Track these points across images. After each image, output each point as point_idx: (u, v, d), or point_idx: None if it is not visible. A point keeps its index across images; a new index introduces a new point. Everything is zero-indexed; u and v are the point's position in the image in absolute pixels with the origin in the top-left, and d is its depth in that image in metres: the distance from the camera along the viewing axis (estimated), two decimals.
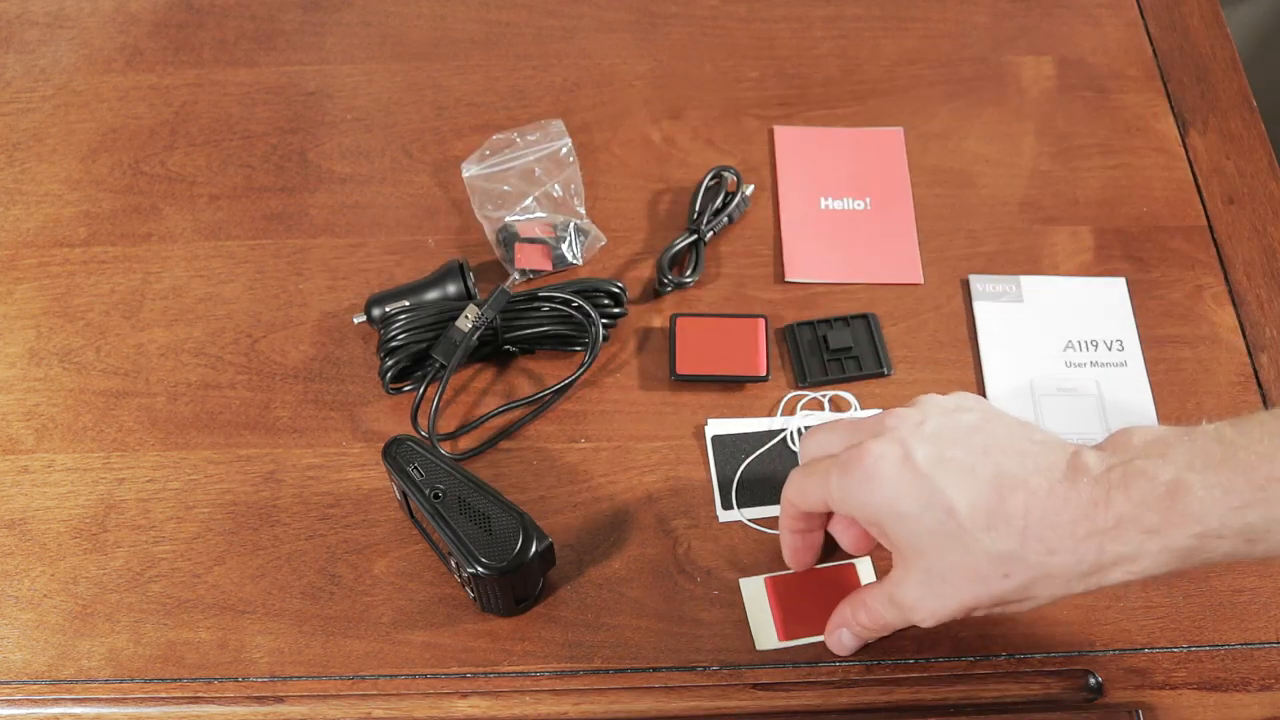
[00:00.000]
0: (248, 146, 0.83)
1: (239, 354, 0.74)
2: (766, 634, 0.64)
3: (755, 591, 0.65)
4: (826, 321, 0.74)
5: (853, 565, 0.66)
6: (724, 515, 0.68)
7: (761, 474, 0.69)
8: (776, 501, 0.68)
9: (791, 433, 0.70)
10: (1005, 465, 0.52)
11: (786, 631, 0.64)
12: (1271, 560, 0.51)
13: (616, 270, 0.78)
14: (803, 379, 0.72)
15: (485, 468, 0.70)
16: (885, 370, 0.73)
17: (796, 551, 0.63)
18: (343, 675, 0.63)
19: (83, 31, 0.89)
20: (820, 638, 0.64)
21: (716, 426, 0.71)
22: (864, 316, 0.75)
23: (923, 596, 0.55)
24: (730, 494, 0.68)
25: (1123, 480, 0.50)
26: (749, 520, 0.68)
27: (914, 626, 0.58)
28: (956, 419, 0.55)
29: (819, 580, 0.65)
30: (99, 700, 0.63)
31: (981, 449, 0.53)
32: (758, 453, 0.70)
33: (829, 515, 0.62)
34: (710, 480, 0.69)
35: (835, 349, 0.73)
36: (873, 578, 0.66)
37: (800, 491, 0.59)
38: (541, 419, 0.71)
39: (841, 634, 0.62)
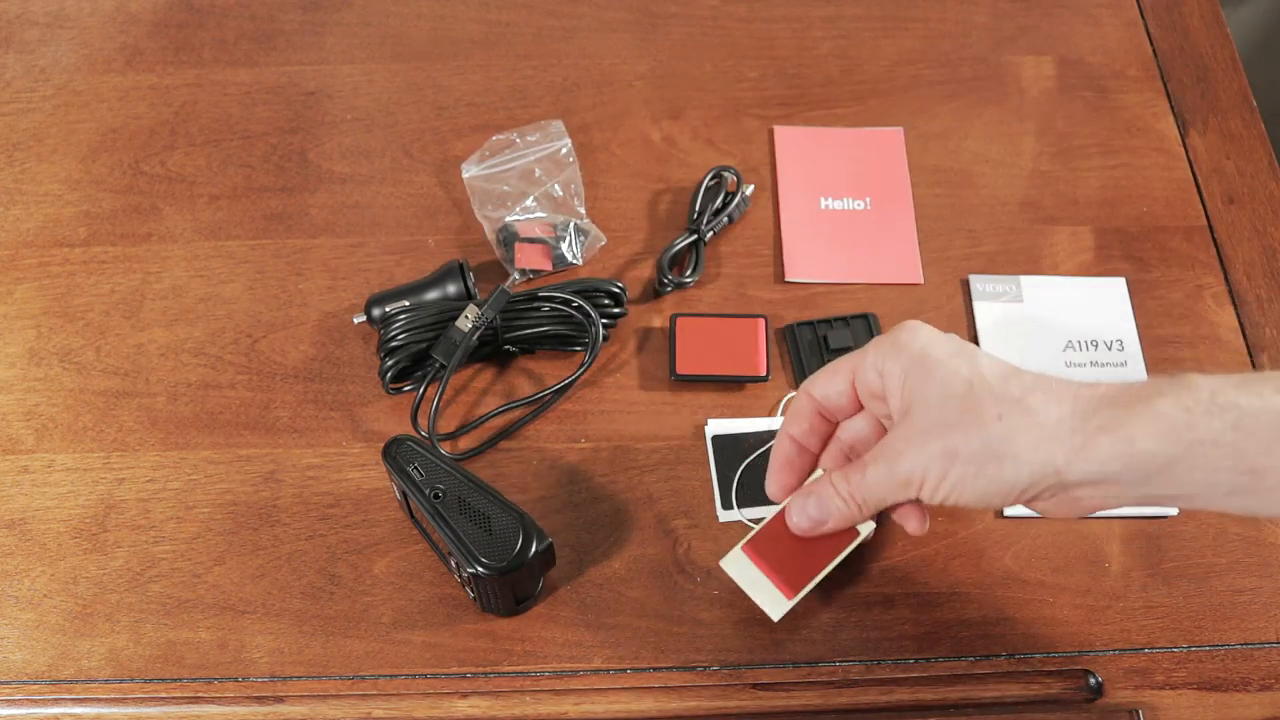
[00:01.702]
0: (248, 146, 0.83)
1: (239, 354, 0.74)
2: (774, 600, 0.61)
3: (741, 564, 0.62)
4: (826, 321, 0.74)
5: (813, 484, 0.63)
6: (724, 515, 0.68)
7: (761, 474, 0.69)
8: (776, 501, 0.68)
9: None
10: (1012, 367, 0.56)
11: (791, 586, 0.61)
12: (1254, 476, 0.51)
13: (616, 270, 0.78)
14: (803, 379, 0.72)
15: (485, 468, 0.70)
16: None
17: (788, 464, 0.62)
18: (343, 675, 0.63)
19: (83, 31, 0.89)
20: (825, 571, 0.61)
21: (716, 426, 0.71)
22: (864, 316, 0.75)
23: (910, 439, 0.56)
24: (730, 494, 0.68)
25: (1129, 383, 0.53)
26: (749, 520, 0.68)
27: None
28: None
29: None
30: (99, 700, 0.63)
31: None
32: (758, 453, 0.70)
33: (828, 438, 0.62)
34: (710, 480, 0.69)
35: (835, 349, 0.73)
36: None
37: (826, 373, 0.60)
38: (541, 419, 0.72)
39: (808, 502, 0.60)
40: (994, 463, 0.53)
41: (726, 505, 0.68)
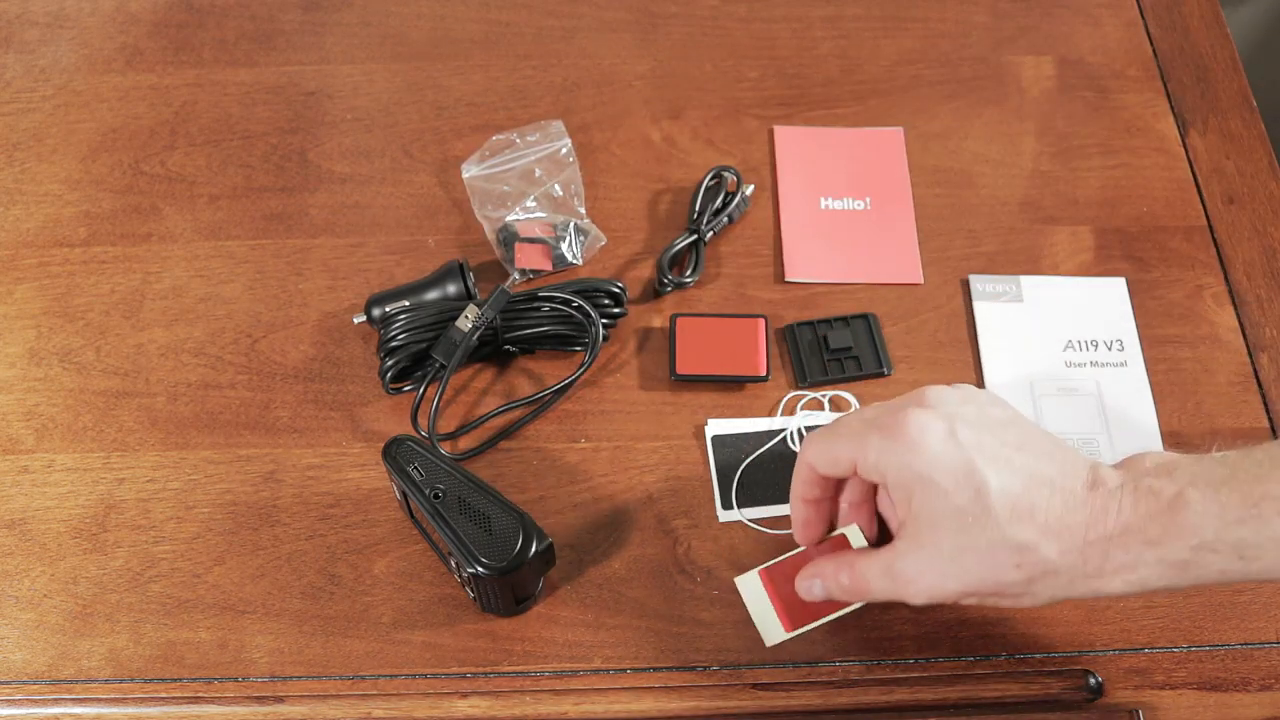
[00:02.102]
0: (248, 146, 0.83)
1: (239, 354, 0.74)
2: (772, 628, 0.62)
3: (753, 587, 0.64)
4: (826, 321, 0.74)
5: (844, 536, 0.64)
6: (724, 515, 0.68)
7: (761, 474, 0.69)
8: (777, 501, 0.68)
9: (791, 433, 0.70)
10: (1036, 464, 0.54)
11: (792, 622, 0.62)
12: (1265, 582, 0.52)
13: (616, 270, 0.78)
14: (803, 379, 0.72)
15: (485, 468, 0.70)
16: (885, 370, 0.73)
17: (808, 524, 0.61)
18: (343, 675, 0.63)
19: (83, 31, 0.89)
20: (828, 618, 0.62)
21: (716, 426, 0.71)
22: (864, 316, 0.75)
23: (924, 572, 0.55)
24: (730, 494, 0.68)
25: (1132, 494, 0.53)
26: (749, 520, 0.68)
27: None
28: (992, 411, 0.57)
29: None
30: (99, 700, 0.63)
31: (1016, 444, 0.55)
32: (758, 453, 0.70)
33: (841, 484, 0.61)
34: (710, 480, 0.69)
35: (835, 349, 0.73)
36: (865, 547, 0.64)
37: (827, 452, 0.58)
38: (541, 419, 0.72)
39: (814, 584, 0.60)
40: (1008, 599, 0.55)
41: (726, 505, 0.68)
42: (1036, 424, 0.58)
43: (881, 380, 0.73)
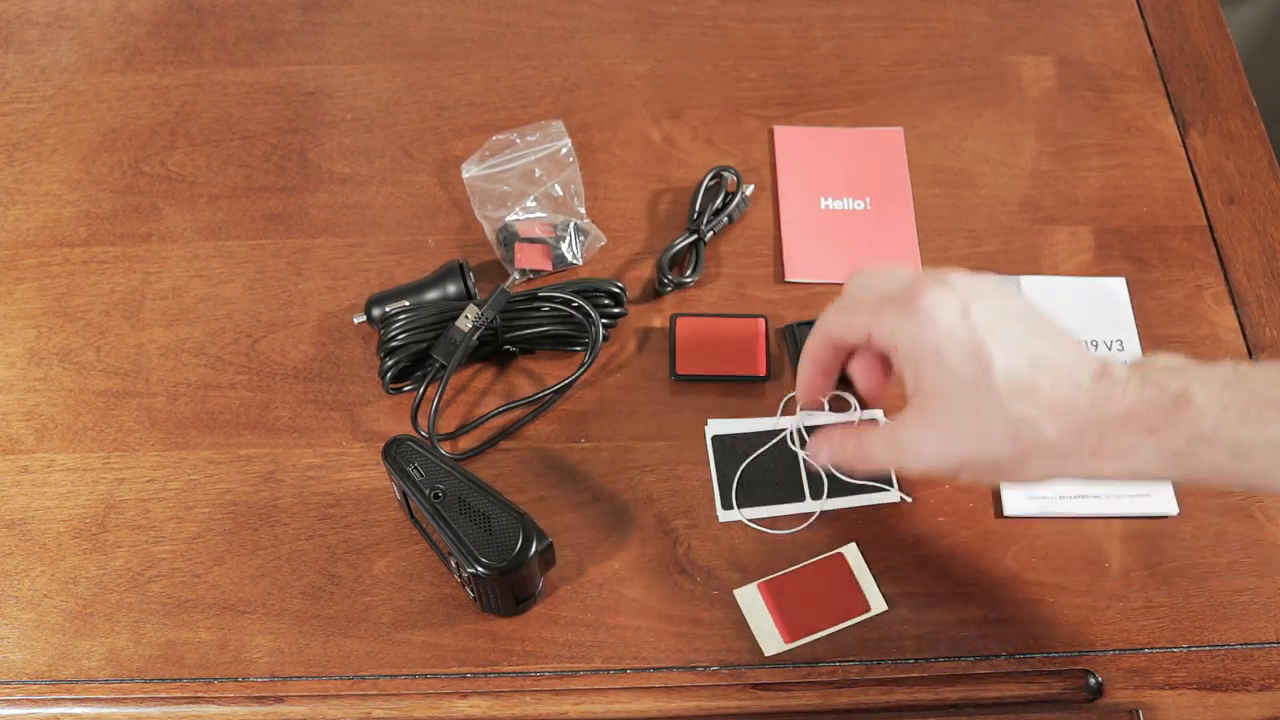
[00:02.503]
0: (248, 146, 0.83)
1: (239, 354, 0.74)
2: (771, 639, 0.64)
3: (751, 599, 0.65)
4: None
5: (842, 555, 0.66)
6: (724, 515, 0.68)
7: (761, 474, 0.69)
8: (777, 501, 0.68)
9: (791, 432, 0.70)
10: (1045, 350, 0.56)
11: (790, 633, 0.64)
12: (1256, 490, 0.55)
13: (616, 270, 0.78)
14: None
15: (485, 468, 0.70)
16: None
17: (812, 386, 0.64)
18: (343, 675, 0.63)
19: (83, 31, 0.89)
20: (825, 633, 0.64)
21: (716, 426, 0.71)
22: None
23: (924, 441, 0.58)
24: (730, 494, 0.68)
25: (1139, 385, 0.54)
26: (749, 520, 0.68)
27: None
28: (1011, 302, 0.58)
29: (813, 576, 0.65)
30: (99, 700, 0.63)
31: (1029, 331, 0.56)
32: (758, 453, 0.70)
33: (852, 353, 0.63)
34: (710, 480, 0.69)
35: None
36: (864, 567, 0.66)
37: (845, 322, 0.61)
38: (541, 419, 0.72)
39: (821, 450, 0.63)
40: (1004, 475, 0.57)
41: (726, 505, 0.68)
42: (1051, 318, 0.59)
43: None
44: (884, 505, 0.68)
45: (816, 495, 0.68)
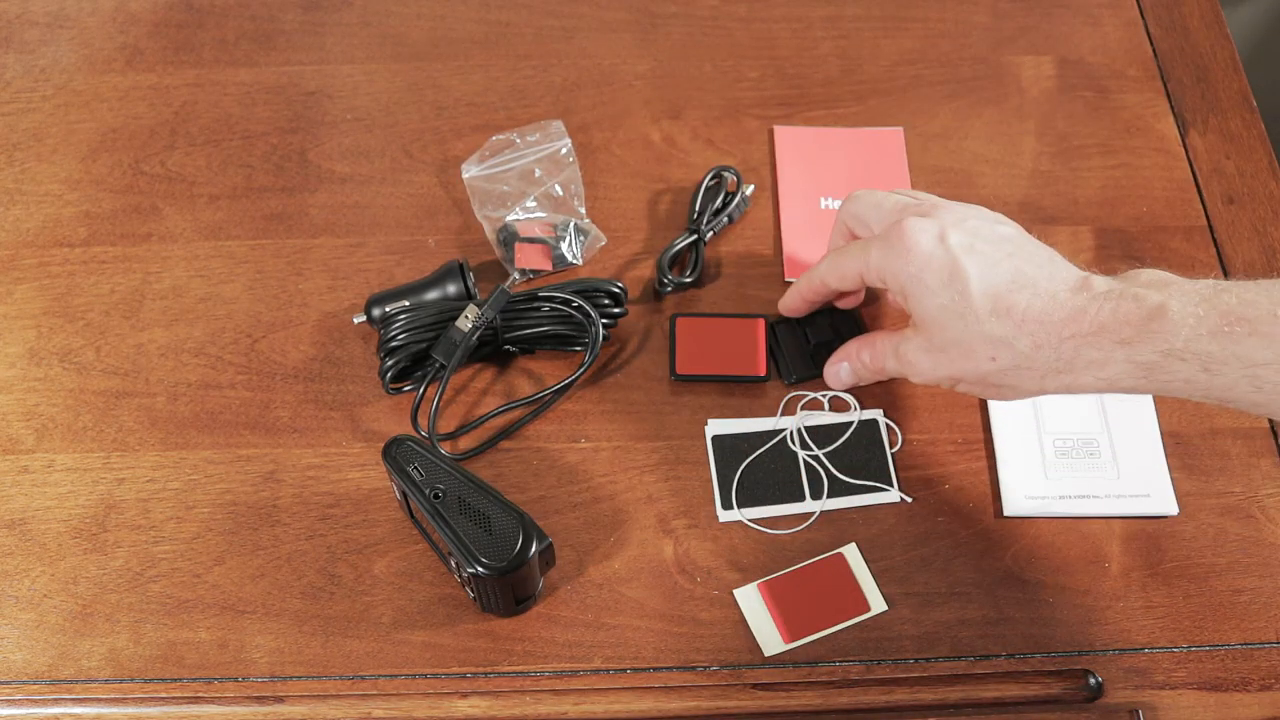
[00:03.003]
0: (248, 146, 0.83)
1: (239, 354, 0.74)
2: (771, 639, 0.64)
3: (751, 599, 0.65)
4: (808, 316, 0.74)
5: (841, 555, 0.66)
6: (724, 515, 0.68)
7: (761, 474, 0.69)
8: (777, 501, 0.68)
9: (791, 432, 0.70)
10: (1023, 267, 0.59)
11: (790, 633, 0.64)
12: (1225, 403, 0.55)
13: (616, 270, 0.78)
14: (788, 376, 0.72)
15: (485, 468, 0.70)
16: None
17: (795, 309, 0.72)
18: (343, 675, 0.63)
19: (83, 31, 0.89)
20: (825, 633, 0.64)
21: (716, 427, 0.71)
22: (845, 309, 0.75)
23: (920, 358, 0.62)
24: (730, 494, 0.68)
25: (1117, 299, 0.56)
26: (749, 520, 0.68)
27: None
28: (995, 227, 0.62)
29: (812, 576, 0.65)
30: (99, 700, 0.63)
31: (1008, 252, 0.60)
32: (758, 452, 0.70)
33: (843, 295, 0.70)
34: (711, 480, 0.69)
35: (817, 343, 0.73)
36: (864, 567, 0.66)
37: (837, 269, 0.66)
38: (541, 419, 0.72)
39: (841, 368, 0.69)
40: (994, 390, 0.61)
41: (726, 505, 0.68)
42: (1043, 244, 0.62)
43: None
44: (884, 505, 0.68)
45: (816, 495, 0.68)
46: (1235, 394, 0.54)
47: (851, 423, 0.70)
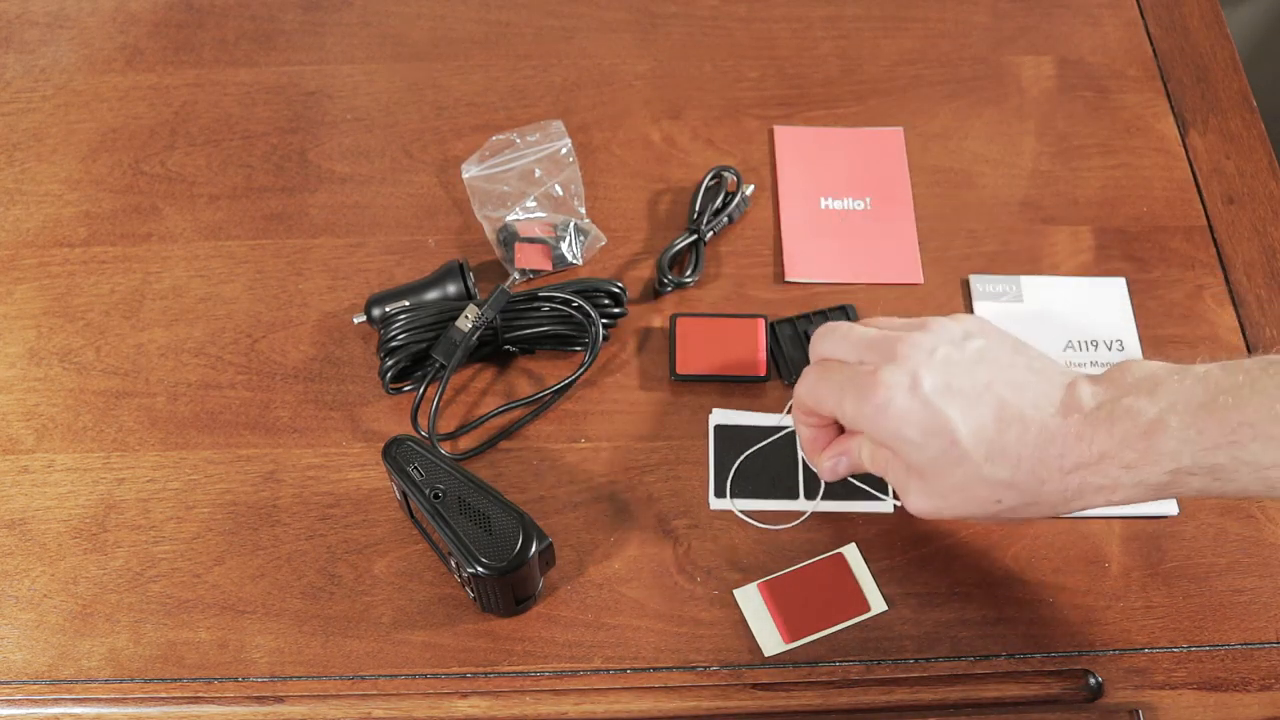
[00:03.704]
0: (248, 146, 0.83)
1: (239, 354, 0.74)
2: (771, 639, 0.64)
3: (751, 599, 0.65)
4: (806, 316, 0.74)
5: (841, 555, 0.66)
6: (715, 503, 0.68)
7: (759, 468, 0.69)
8: (773, 496, 0.68)
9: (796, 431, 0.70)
10: (1006, 397, 0.56)
11: (790, 633, 0.64)
12: (1243, 498, 0.56)
13: (616, 270, 0.78)
14: (788, 376, 0.72)
15: (485, 468, 0.70)
16: None
17: (813, 442, 0.65)
18: (343, 675, 0.63)
19: (83, 31, 0.89)
20: (825, 633, 0.64)
21: (721, 416, 0.71)
22: (842, 308, 0.75)
23: (922, 503, 0.59)
24: (725, 484, 0.68)
25: (1109, 418, 0.54)
26: (740, 511, 0.68)
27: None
28: (964, 347, 0.58)
29: (812, 576, 0.65)
30: (99, 700, 0.63)
31: (985, 382, 0.56)
32: (759, 445, 0.69)
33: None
34: (708, 472, 0.69)
35: None
36: (864, 567, 0.66)
37: (814, 396, 0.61)
38: (541, 419, 0.72)
39: (839, 462, 0.64)
40: (1006, 522, 0.60)
41: (720, 494, 0.68)
42: (1018, 342, 0.59)
43: None
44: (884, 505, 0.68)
45: (811, 496, 0.68)
46: (1251, 492, 0.53)
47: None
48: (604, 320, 0.72)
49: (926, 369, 0.56)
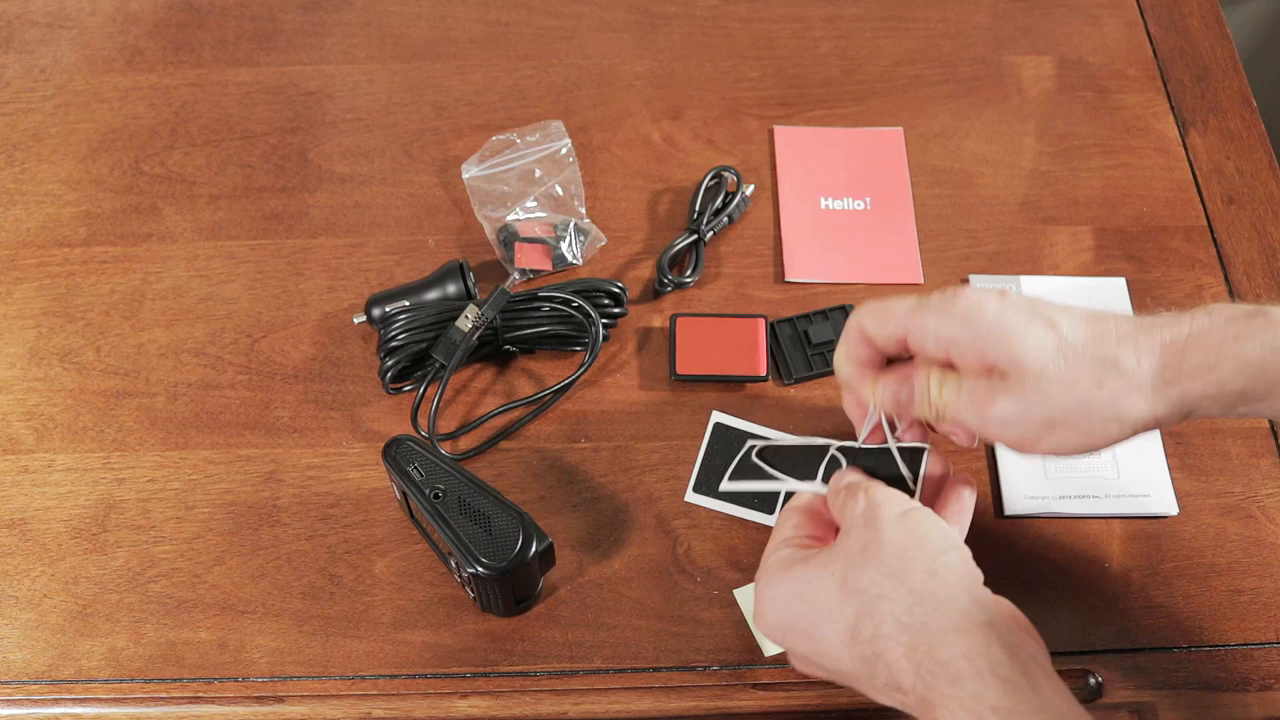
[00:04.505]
0: (248, 146, 0.83)
1: (239, 354, 0.74)
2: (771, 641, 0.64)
3: (751, 599, 0.65)
4: (806, 316, 0.74)
5: None
6: (690, 496, 0.68)
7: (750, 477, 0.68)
8: (750, 506, 0.68)
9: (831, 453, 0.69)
10: (1094, 316, 0.55)
11: None
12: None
13: (616, 270, 0.78)
14: (788, 376, 0.72)
15: (485, 468, 0.70)
16: None
17: (859, 377, 0.60)
18: (343, 675, 0.63)
19: (83, 31, 0.89)
20: None
21: (721, 418, 0.70)
22: (842, 308, 0.75)
23: (1008, 410, 0.54)
24: (708, 480, 0.68)
25: (1205, 311, 0.54)
26: (711, 508, 0.67)
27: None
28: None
29: None
30: (99, 700, 0.63)
31: (1063, 307, 0.55)
32: (746, 449, 0.69)
33: (880, 366, 0.60)
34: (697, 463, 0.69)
35: (817, 343, 0.73)
36: None
37: (880, 314, 0.57)
38: (541, 419, 0.72)
39: (902, 389, 0.58)
40: (1098, 424, 0.53)
41: (698, 490, 0.68)
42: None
43: None
44: None
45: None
46: None
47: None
48: (604, 320, 0.72)
49: (1009, 295, 0.55)
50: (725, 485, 0.68)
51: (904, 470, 0.60)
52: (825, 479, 0.62)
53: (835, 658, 0.54)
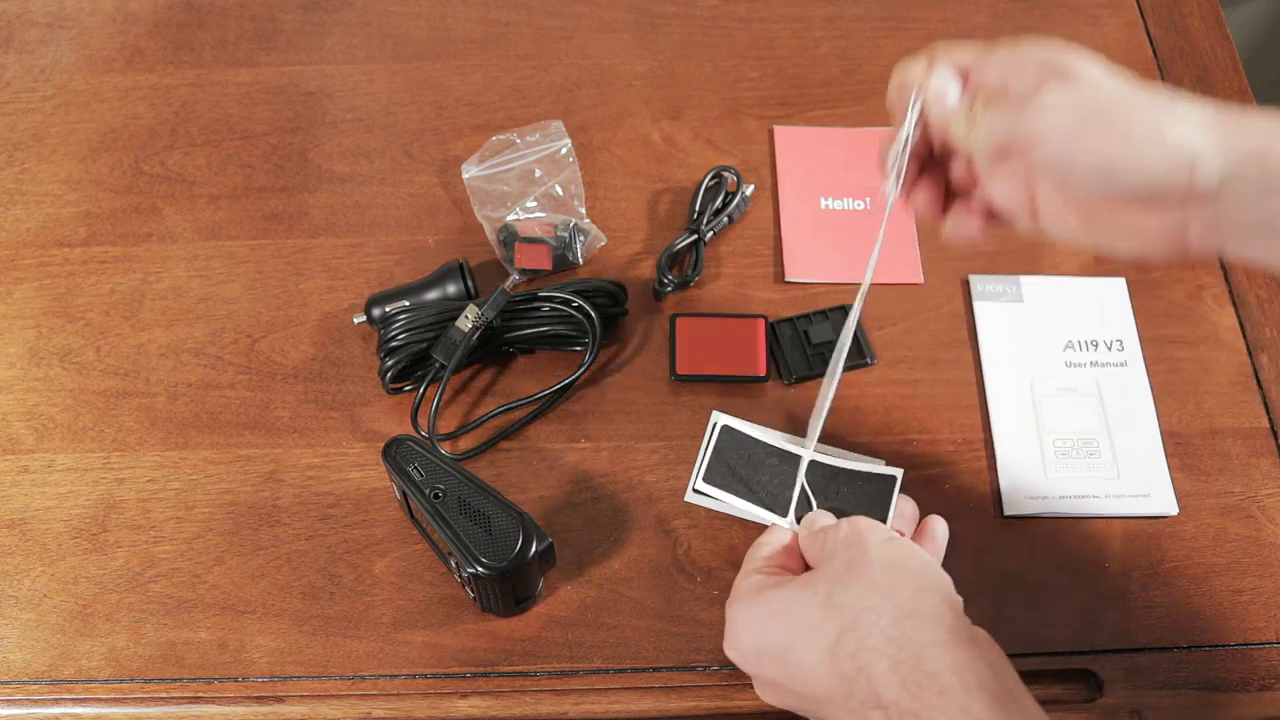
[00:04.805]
0: (248, 146, 0.83)
1: (239, 354, 0.74)
2: None
3: None
4: (806, 316, 0.74)
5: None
6: (691, 496, 0.68)
7: (748, 473, 0.68)
8: (757, 503, 0.68)
9: (806, 462, 0.70)
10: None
11: None
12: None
13: (616, 270, 0.77)
14: (788, 376, 0.72)
15: (485, 468, 0.70)
16: (869, 360, 0.73)
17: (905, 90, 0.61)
18: (343, 675, 0.63)
19: (83, 31, 0.89)
20: None
21: (724, 419, 0.70)
22: (842, 308, 0.75)
23: (1050, 112, 0.52)
24: (706, 477, 0.68)
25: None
26: (709, 506, 0.67)
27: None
28: None
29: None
30: (99, 700, 0.63)
31: None
32: (759, 453, 0.69)
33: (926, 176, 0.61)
34: (701, 466, 0.69)
35: (817, 343, 0.73)
36: None
37: (954, 46, 0.57)
38: (541, 419, 0.72)
39: (949, 90, 0.59)
40: (1139, 131, 0.51)
41: (699, 490, 0.68)
42: None
43: (865, 370, 0.73)
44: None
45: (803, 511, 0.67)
46: None
47: (869, 473, 0.68)
48: (604, 320, 0.72)
49: None
50: (699, 486, 0.68)
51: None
52: (798, 518, 0.65)
53: (809, 681, 0.54)
